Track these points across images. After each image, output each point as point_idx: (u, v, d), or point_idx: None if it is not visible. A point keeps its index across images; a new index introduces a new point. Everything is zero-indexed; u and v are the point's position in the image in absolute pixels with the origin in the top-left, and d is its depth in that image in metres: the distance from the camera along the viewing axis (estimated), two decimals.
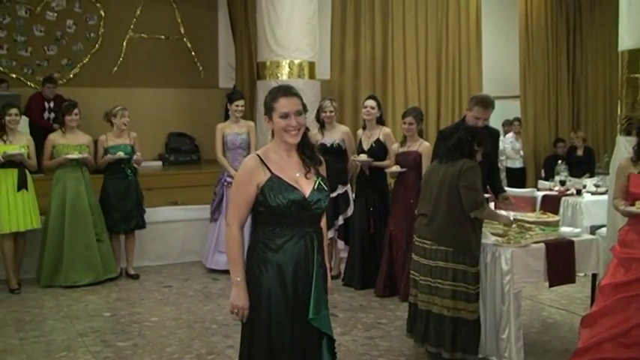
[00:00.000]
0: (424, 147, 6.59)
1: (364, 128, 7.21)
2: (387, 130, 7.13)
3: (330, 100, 7.31)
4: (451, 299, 4.71)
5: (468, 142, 4.82)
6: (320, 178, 3.27)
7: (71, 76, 10.18)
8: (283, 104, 3.18)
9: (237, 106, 7.55)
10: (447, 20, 10.76)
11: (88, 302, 6.66)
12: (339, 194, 7.09)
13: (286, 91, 3.23)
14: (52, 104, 9.19)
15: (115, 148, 7.30)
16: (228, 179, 7.35)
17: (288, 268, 3.18)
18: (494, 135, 5.79)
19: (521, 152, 11.39)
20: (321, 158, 3.37)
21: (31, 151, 7.01)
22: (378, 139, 6.98)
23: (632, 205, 4.38)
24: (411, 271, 5.07)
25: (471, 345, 4.78)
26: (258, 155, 3.26)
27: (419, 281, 4.92)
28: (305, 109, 3.25)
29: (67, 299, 6.72)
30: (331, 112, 7.17)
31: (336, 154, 7.07)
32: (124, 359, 5.13)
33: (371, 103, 7.04)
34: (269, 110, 3.23)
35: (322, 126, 7.21)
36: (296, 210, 3.16)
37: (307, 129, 3.33)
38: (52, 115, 9.09)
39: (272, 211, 3.16)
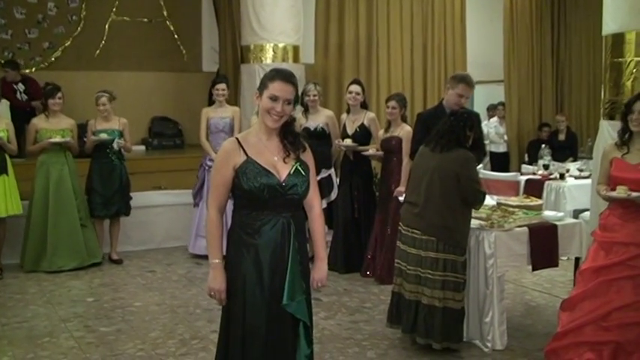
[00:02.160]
0: (405, 132, 6.59)
1: (348, 112, 7.19)
2: (371, 114, 7.12)
3: (314, 84, 7.28)
4: (440, 289, 4.67)
5: (461, 128, 4.76)
6: (298, 163, 3.24)
7: (53, 59, 10.04)
8: (277, 87, 3.16)
9: (217, 89, 7.52)
10: (432, 3, 10.69)
11: (71, 287, 6.63)
12: (322, 178, 7.05)
13: (285, 76, 3.21)
14: (20, 86, 9.04)
15: (101, 132, 7.28)
16: (209, 163, 7.34)
17: (264, 253, 3.16)
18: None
19: (505, 137, 11.40)
20: (305, 145, 3.33)
21: (10, 135, 6.91)
22: (362, 124, 6.98)
23: (614, 189, 4.39)
24: (397, 260, 4.99)
25: (456, 333, 4.77)
26: (237, 139, 3.25)
27: (405, 270, 4.85)
28: (296, 100, 3.24)
29: (49, 284, 6.68)
30: (315, 95, 7.14)
31: (320, 137, 7.04)
32: (107, 344, 5.11)
33: (356, 88, 7.01)
34: (262, 87, 3.21)
35: (306, 110, 7.18)
36: (270, 194, 3.14)
37: (293, 119, 3.31)
38: (25, 96, 8.96)
39: (247, 195, 3.15)
